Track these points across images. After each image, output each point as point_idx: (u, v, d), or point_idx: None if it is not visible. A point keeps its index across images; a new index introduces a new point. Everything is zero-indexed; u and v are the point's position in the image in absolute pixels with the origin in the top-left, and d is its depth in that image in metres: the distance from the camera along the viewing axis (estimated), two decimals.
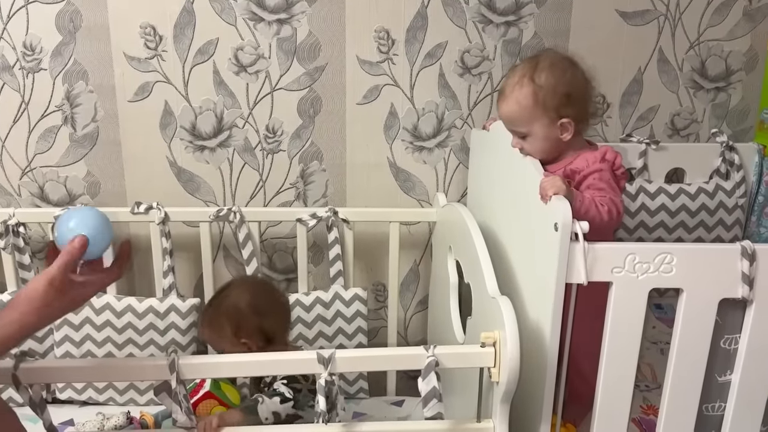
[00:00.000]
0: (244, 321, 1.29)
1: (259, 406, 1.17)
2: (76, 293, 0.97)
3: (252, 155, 1.61)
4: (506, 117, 1.25)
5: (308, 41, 1.54)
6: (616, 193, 1.19)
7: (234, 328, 1.29)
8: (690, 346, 1.09)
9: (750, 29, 1.63)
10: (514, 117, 1.23)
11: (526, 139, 1.24)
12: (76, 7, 1.47)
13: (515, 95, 1.22)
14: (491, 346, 1.03)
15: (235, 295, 1.32)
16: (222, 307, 1.31)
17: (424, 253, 1.72)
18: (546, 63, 1.22)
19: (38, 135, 1.55)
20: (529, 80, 1.21)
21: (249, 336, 1.29)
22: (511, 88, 1.23)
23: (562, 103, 1.20)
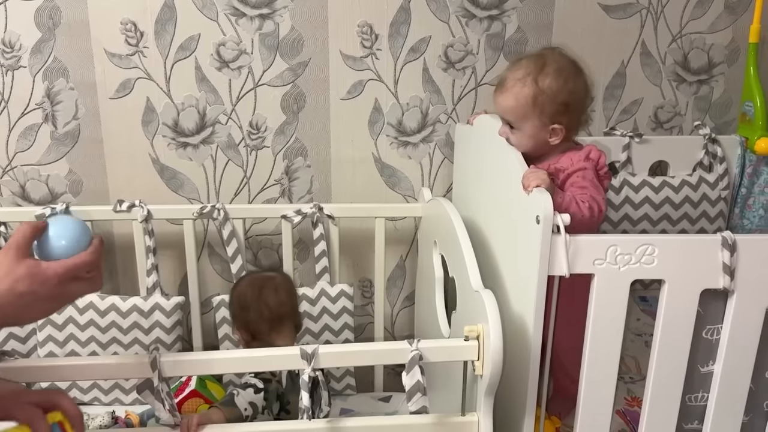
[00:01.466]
0: (235, 312, 1.40)
1: (236, 398, 1.17)
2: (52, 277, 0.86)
3: (236, 152, 1.60)
4: (501, 108, 1.25)
5: (291, 36, 1.53)
6: (598, 191, 1.18)
7: (231, 317, 1.43)
8: (672, 337, 1.09)
9: (731, 22, 1.63)
10: (509, 111, 1.24)
11: (514, 132, 1.24)
12: (55, 3, 1.46)
13: (515, 91, 1.21)
14: (475, 339, 1.03)
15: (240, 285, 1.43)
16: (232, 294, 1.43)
17: (411, 248, 1.72)
18: (553, 67, 1.21)
19: (18, 133, 1.54)
20: (533, 81, 1.20)
21: (238, 327, 1.38)
22: (513, 82, 1.22)
23: (559, 111, 1.21)
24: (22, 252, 0.86)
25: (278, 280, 1.42)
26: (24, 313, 0.86)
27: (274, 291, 1.39)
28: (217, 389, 1.46)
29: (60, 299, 0.90)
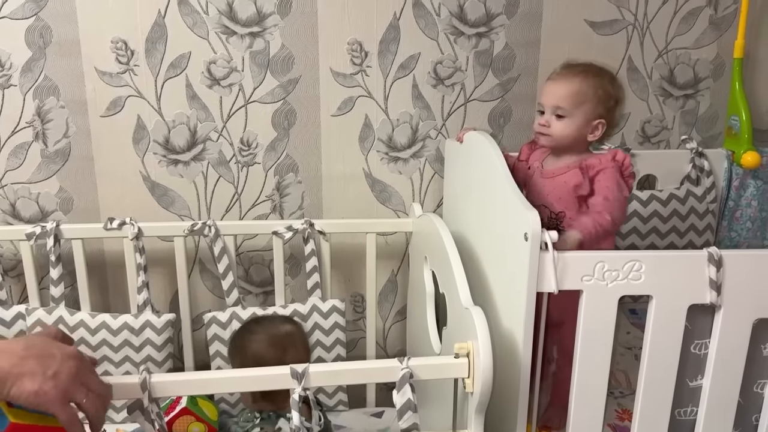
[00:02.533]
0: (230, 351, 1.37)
1: None
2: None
3: (227, 168, 1.61)
4: (557, 94, 1.26)
5: (281, 54, 1.54)
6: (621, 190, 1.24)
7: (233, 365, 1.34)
8: (661, 352, 1.10)
9: (716, 37, 1.66)
10: (567, 96, 1.25)
11: (562, 120, 1.26)
12: (45, 22, 1.46)
13: (579, 79, 1.25)
14: (465, 356, 1.03)
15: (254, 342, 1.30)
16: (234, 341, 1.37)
17: (402, 263, 1.73)
18: (608, 71, 1.31)
19: (9, 151, 1.54)
20: (595, 75, 1.26)
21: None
22: (576, 72, 1.26)
23: (609, 108, 1.27)
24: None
25: (296, 336, 1.33)
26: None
27: (295, 349, 1.29)
28: (208, 407, 1.46)
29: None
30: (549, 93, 1.27)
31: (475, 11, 1.56)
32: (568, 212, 1.27)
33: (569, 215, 1.26)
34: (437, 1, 1.55)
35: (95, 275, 1.60)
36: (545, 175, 1.30)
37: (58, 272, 1.49)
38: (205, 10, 1.49)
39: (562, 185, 1.27)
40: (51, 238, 1.46)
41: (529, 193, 1.31)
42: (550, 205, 1.28)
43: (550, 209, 1.28)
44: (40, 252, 1.53)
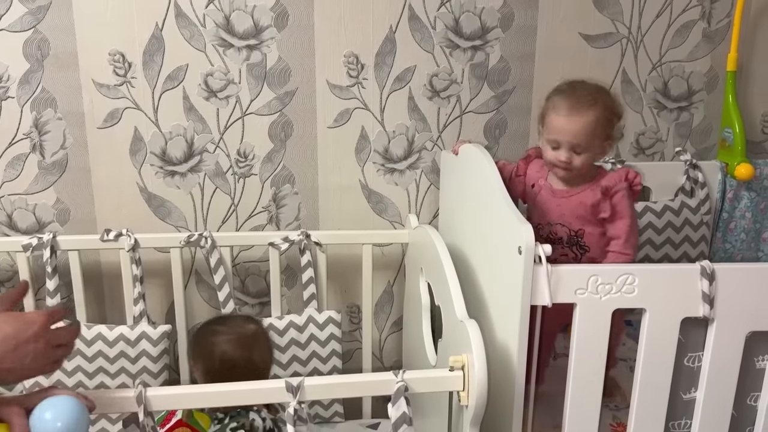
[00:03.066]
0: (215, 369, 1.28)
1: None
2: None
3: (223, 179, 1.61)
4: (577, 129, 1.26)
5: (278, 66, 1.55)
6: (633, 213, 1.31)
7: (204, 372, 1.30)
8: (655, 365, 1.11)
9: (709, 50, 1.67)
10: (585, 131, 1.26)
11: (581, 155, 1.27)
12: (43, 35, 1.47)
13: (593, 110, 1.26)
14: (460, 369, 1.04)
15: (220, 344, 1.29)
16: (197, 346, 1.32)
17: (398, 273, 1.73)
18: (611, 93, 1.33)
19: (6, 163, 1.54)
20: (603, 102, 1.28)
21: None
22: (589, 102, 1.26)
23: (614, 126, 1.30)
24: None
25: (261, 336, 1.34)
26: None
27: (260, 349, 1.31)
28: (204, 419, 1.45)
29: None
30: (566, 131, 1.26)
31: (471, 25, 1.58)
32: (587, 229, 1.30)
33: (588, 232, 1.30)
34: (433, 15, 1.56)
35: (91, 286, 1.60)
36: (558, 194, 1.32)
37: (54, 283, 1.49)
38: (202, 23, 1.50)
39: (578, 205, 1.29)
40: (47, 249, 1.47)
41: (540, 212, 1.33)
42: (569, 224, 1.31)
43: (569, 228, 1.31)
44: (37, 263, 1.54)
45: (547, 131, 1.30)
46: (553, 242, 1.30)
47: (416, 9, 1.55)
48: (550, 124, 1.28)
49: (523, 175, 1.39)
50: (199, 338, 1.33)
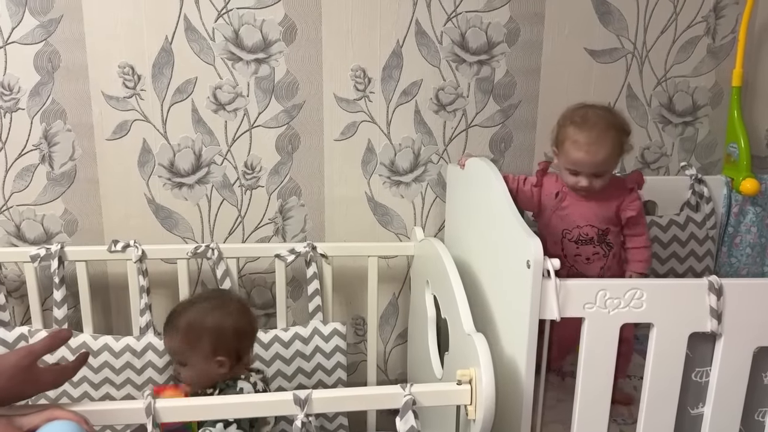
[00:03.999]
0: (226, 342, 1.30)
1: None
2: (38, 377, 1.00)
3: (230, 191, 1.62)
4: (599, 160, 1.31)
5: (286, 80, 1.56)
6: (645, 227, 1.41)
7: (213, 346, 1.28)
8: (662, 380, 1.11)
9: (714, 66, 1.68)
10: (606, 159, 1.32)
11: (602, 177, 1.34)
12: (54, 47, 1.49)
13: (611, 139, 1.31)
14: (467, 383, 1.04)
15: (220, 315, 1.31)
16: (205, 323, 1.30)
17: (403, 286, 1.73)
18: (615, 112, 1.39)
19: (15, 174, 1.55)
20: (617, 125, 1.34)
21: (227, 354, 1.29)
22: (606, 132, 1.31)
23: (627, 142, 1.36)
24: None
25: (244, 302, 1.41)
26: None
27: (251, 314, 1.38)
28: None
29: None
30: (587, 164, 1.31)
31: (477, 39, 1.59)
32: (611, 228, 1.38)
33: (612, 230, 1.38)
34: (440, 30, 1.57)
35: (98, 297, 1.61)
36: (582, 198, 1.37)
37: (61, 294, 1.49)
38: (211, 37, 1.52)
39: (605, 207, 1.37)
40: (55, 260, 1.47)
41: (569, 217, 1.38)
42: (598, 224, 1.37)
43: (597, 227, 1.37)
44: (44, 274, 1.54)
45: (565, 160, 1.34)
46: (585, 242, 1.37)
47: (423, 24, 1.56)
48: (569, 155, 1.32)
49: (540, 186, 1.41)
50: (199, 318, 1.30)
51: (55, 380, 1.02)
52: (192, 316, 1.31)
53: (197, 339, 1.28)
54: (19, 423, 0.95)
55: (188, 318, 1.30)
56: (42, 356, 0.99)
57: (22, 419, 0.95)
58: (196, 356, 1.28)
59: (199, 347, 1.28)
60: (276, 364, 1.54)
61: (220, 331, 1.30)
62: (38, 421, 0.95)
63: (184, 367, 1.29)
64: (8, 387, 0.95)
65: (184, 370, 1.30)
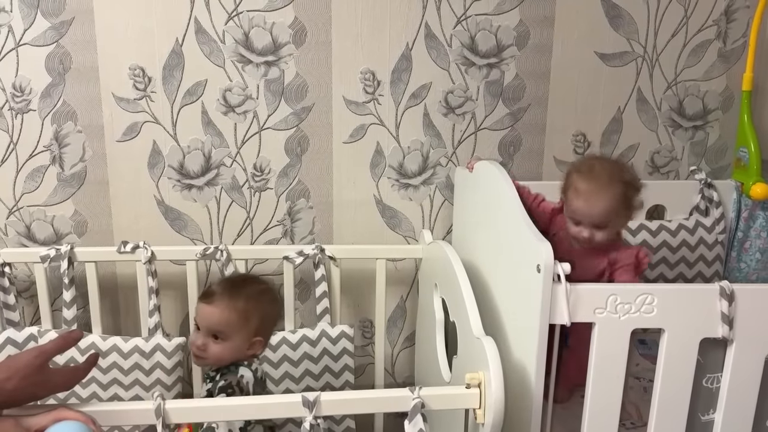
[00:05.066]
0: (269, 325, 1.32)
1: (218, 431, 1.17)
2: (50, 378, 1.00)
3: (239, 193, 1.62)
4: (596, 213, 1.27)
5: (295, 82, 1.57)
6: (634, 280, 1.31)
7: (258, 327, 1.27)
8: (673, 386, 1.10)
9: (725, 70, 1.68)
10: (606, 213, 1.27)
11: (603, 229, 1.28)
12: (66, 49, 1.49)
13: (611, 194, 1.26)
14: (476, 387, 1.04)
15: (270, 299, 1.33)
16: (260, 303, 1.29)
17: (411, 289, 1.73)
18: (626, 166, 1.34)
19: (26, 174, 1.56)
20: (621, 182, 1.28)
21: (265, 337, 1.30)
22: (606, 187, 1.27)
23: (635, 199, 1.30)
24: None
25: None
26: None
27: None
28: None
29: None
30: (586, 214, 1.27)
31: (486, 42, 1.59)
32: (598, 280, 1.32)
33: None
34: (449, 33, 1.57)
35: (107, 298, 1.61)
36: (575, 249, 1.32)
37: (70, 294, 1.50)
38: (221, 39, 1.52)
39: (591, 266, 1.30)
40: (65, 260, 1.48)
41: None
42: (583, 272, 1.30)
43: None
44: (54, 274, 1.55)
45: (567, 208, 1.31)
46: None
47: (433, 27, 1.57)
48: (571, 203, 1.29)
49: (550, 218, 1.39)
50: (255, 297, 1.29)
51: (67, 381, 1.03)
52: (251, 292, 1.29)
53: (249, 317, 1.26)
54: (27, 423, 0.95)
55: (247, 294, 1.28)
56: (54, 356, 1.00)
57: (30, 419, 0.96)
58: (240, 333, 1.25)
59: (248, 326, 1.26)
60: (284, 366, 1.54)
61: (269, 314, 1.31)
62: (46, 421, 0.95)
63: (218, 341, 1.23)
64: (21, 387, 0.95)
65: (216, 345, 1.23)
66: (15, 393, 0.95)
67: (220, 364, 1.26)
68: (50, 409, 0.98)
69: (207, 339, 1.24)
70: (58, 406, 0.99)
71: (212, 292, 1.28)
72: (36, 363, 0.96)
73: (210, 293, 1.28)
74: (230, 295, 1.27)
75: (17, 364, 0.95)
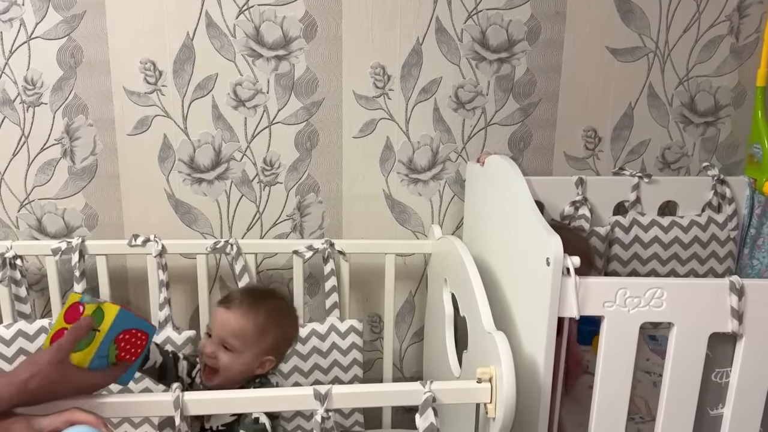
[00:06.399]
0: (283, 346, 1.29)
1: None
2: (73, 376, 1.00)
3: (249, 187, 1.63)
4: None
5: (306, 77, 1.57)
6: None
7: (272, 346, 1.24)
8: (682, 380, 1.10)
9: (737, 65, 1.67)
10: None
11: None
12: (77, 43, 1.50)
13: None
14: (487, 381, 1.04)
15: (290, 320, 1.31)
16: (279, 322, 1.25)
17: (420, 284, 1.73)
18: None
19: (37, 168, 1.57)
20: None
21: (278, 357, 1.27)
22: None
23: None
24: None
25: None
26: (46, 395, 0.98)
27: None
28: (110, 310, 1.08)
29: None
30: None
31: (497, 37, 1.58)
32: None
33: None
34: (460, 27, 1.57)
35: (118, 291, 1.62)
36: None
37: (81, 287, 1.51)
38: (232, 33, 1.52)
39: None
40: (76, 253, 1.49)
41: None
42: None
43: None
44: (65, 267, 1.56)
45: None
46: None
47: (443, 21, 1.56)
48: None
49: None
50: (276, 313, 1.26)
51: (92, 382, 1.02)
52: (272, 308, 1.26)
53: (266, 333, 1.23)
54: (39, 425, 0.94)
55: (269, 309, 1.24)
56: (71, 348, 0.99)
57: (41, 420, 0.95)
58: (252, 348, 1.22)
59: (262, 342, 1.22)
60: (292, 360, 1.54)
61: (286, 335, 1.28)
62: (58, 422, 0.94)
63: (228, 352, 1.20)
64: (44, 385, 0.95)
65: (226, 355, 1.20)
66: (38, 392, 0.95)
67: (228, 377, 1.21)
68: (63, 409, 0.97)
69: (218, 347, 1.20)
70: (70, 408, 0.97)
71: (233, 297, 1.25)
72: (56, 359, 0.96)
73: (230, 298, 1.25)
74: (251, 305, 1.23)
75: (39, 363, 0.95)
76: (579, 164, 1.70)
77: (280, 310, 1.28)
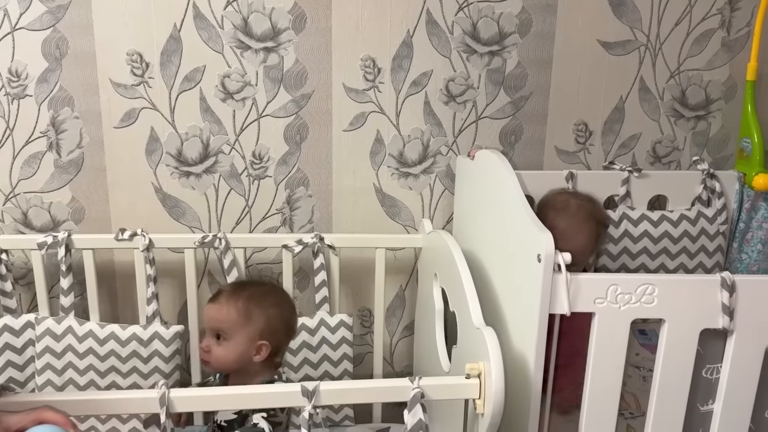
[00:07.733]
0: (275, 329, 1.28)
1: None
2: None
3: (238, 181, 1.61)
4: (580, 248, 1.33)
5: (295, 69, 1.55)
6: None
7: (262, 329, 1.25)
8: (672, 376, 1.10)
9: (728, 59, 1.66)
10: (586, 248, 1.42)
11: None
12: (62, 34, 1.48)
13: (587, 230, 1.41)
14: (476, 377, 1.03)
15: (277, 301, 1.31)
16: (264, 303, 1.27)
17: (410, 278, 1.73)
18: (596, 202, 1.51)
19: (22, 161, 1.55)
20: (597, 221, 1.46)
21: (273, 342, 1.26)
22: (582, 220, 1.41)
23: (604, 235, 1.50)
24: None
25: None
26: None
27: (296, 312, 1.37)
28: None
29: None
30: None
31: (488, 30, 1.57)
32: None
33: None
34: (451, 20, 1.56)
35: (105, 285, 1.61)
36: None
37: (68, 282, 1.49)
38: (220, 25, 1.50)
39: None
40: (62, 247, 1.47)
41: None
42: None
43: None
44: (51, 261, 1.54)
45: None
46: None
47: (434, 14, 1.55)
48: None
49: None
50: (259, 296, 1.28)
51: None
52: (254, 291, 1.29)
53: (251, 316, 1.25)
54: (6, 422, 0.92)
55: (250, 293, 1.27)
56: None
57: (10, 418, 0.92)
58: (242, 333, 1.23)
59: (250, 325, 1.24)
60: None
61: (274, 317, 1.28)
62: (26, 421, 0.92)
63: (222, 342, 1.23)
64: None
65: (220, 346, 1.23)
66: None
67: (225, 367, 1.25)
68: (32, 408, 0.94)
69: (211, 340, 1.25)
70: (40, 406, 0.94)
71: (219, 292, 1.30)
72: None
73: (217, 294, 1.30)
74: (232, 292, 1.28)
75: None
76: (570, 158, 1.69)
77: (263, 293, 1.30)
